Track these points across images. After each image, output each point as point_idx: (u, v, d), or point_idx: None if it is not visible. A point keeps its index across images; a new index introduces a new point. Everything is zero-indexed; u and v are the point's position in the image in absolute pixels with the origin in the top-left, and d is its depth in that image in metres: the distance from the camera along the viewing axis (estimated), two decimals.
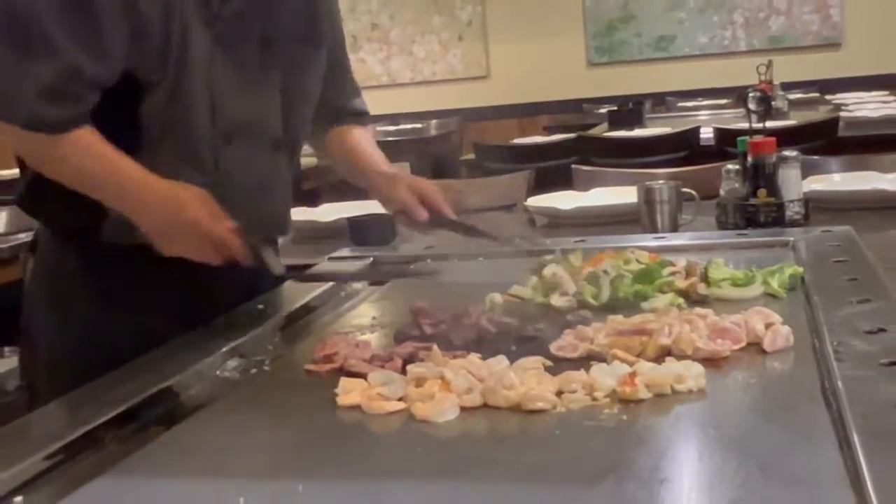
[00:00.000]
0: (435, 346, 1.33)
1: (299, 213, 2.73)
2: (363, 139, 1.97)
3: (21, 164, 1.65)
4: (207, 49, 1.56)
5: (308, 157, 5.23)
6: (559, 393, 1.15)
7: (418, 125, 7.31)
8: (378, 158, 1.91)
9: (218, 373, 1.39)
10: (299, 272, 1.90)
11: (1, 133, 1.51)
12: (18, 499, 1.00)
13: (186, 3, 1.52)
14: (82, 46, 1.46)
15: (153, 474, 1.07)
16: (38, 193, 1.62)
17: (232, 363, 1.42)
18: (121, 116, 1.53)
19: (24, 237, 1.74)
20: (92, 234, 1.59)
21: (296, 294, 1.73)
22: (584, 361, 1.26)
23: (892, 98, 6.19)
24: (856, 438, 0.91)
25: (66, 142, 1.49)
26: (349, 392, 1.22)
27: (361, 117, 2.00)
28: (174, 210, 1.48)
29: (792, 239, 1.89)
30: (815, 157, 2.96)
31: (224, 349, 1.44)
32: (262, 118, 1.68)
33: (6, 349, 4.88)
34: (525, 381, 1.17)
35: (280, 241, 1.90)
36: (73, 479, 1.04)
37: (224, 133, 1.61)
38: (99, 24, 1.46)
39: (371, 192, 1.91)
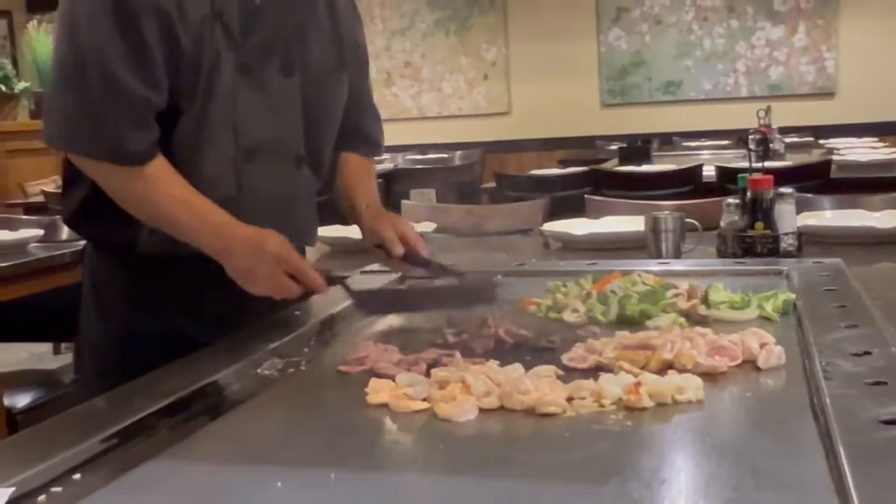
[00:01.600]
0: (457, 353, 1.34)
1: (335, 231, 2.74)
2: (366, 171, 1.92)
3: (66, 186, 1.68)
4: (231, 75, 1.56)
5: None
6: (570, 399, 1.15)
7: (444, 155, 7.33)
8: (372, 192, 1.86)
9: (259, 371, 1.39)
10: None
11: (88, 171, 1.54)
12: (77, 476, 1.01)
13: (216, 35, 1.53)
14: (143, 81, 1.48)
15: (199, 459, 1.07)
16: (82, 214, 1.65)
17: (271, 363, 1.42)
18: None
19: (84, 243, 1.77)
20: (129, 247, 1.61)
21: (329, 303, 1.73)
22: (593, 372, 1.27)
23: (880, 144, 6.17)
24: (841, 450, 0.91)
25: (146, 175, 1.51)
26: (378, 391, 1.22)
27: (375, 148, 1.95)
28: (256, 248, 1.49)
29: (786, 268, 1.88)
30: (809, 195, 2.95)
31: (264, 350, 1.44)
32: (283, 137, 1.66)
33: (62, 346, 4.92)
34: (539, 387, 1.17)
35: (308, 253, 1.89)
36: (126, 462, 1.05)
37: (245, 151, 1.60)
38: (152, 56, 1.48)
39: (357, 222, 1.84)
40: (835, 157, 4.85)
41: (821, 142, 6.44)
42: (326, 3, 1.72)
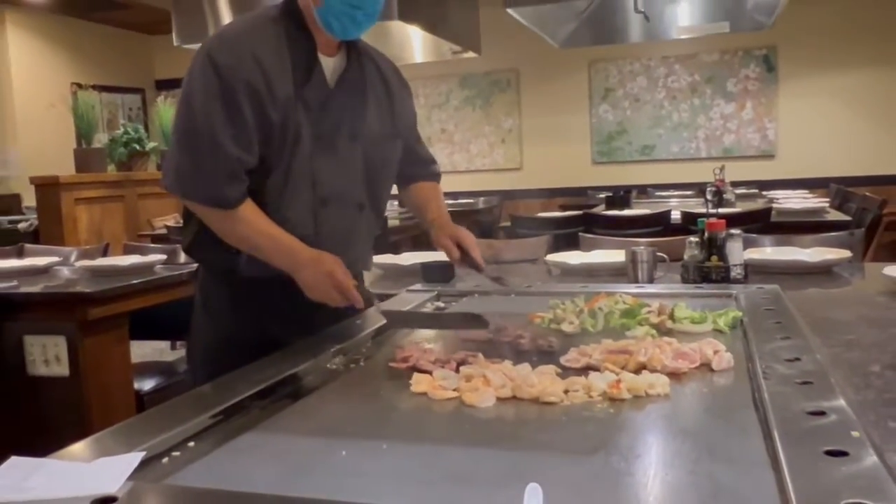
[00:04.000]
0: (480, 354, 1.35)
1: (386, 258, 2.76)
2: (433, 192, 1.93)
3: (184, 224, 1.71)
4: (309, 142, 1.57)
5: (393, 219, 5.31)
6: (566, 391, 1.15)
7: (471, 201, 7.33)
8: (437, 209, 1.86)
9: (328, 366, 1.40)
10: (387, 298, 1.92)
11: (195, 211, 1.60)
12: (191, 443, 1.03)
13: (298, 111, 1.55)
14: (239, 145, 1.51)
15: (283, 432, 1.09)
16: (196, 245, 1.69)
17: (338, 359, 1.43)
18: (252, 192, 1.57)
19: (197, 266, 1.79)
20: (232, 269, 1.63)
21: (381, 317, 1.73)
22: (585, 370, 1.27)
23: (810, 195, 6.10)
24: (776, 434, 0.91)
25: (237, 215, 1.54)
26: (419, 383, 1.23)
27: (434, 174, 1.98)
28: (318, 267, 1.52)
29: (734, 292, 1.87)
30: (753, 235, 2.93)
31: (333, 349, 1.46)
32: (349, 189, 1.67)
33: (178, 343, 4.97)
34: (542, 381, 1.17)
35: (366, 276, 1.90)
36: (228, 433, 1.07)
37: (321, 200, 1.62)
38: (248, 128, 1.51)
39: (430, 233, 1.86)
40: (774, 206, 4.80)
41: (763, 193, 6.37)
42: (382, 82, 1.74)
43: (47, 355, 2.69)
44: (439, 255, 2.75)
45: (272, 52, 1.54)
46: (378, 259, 2.72)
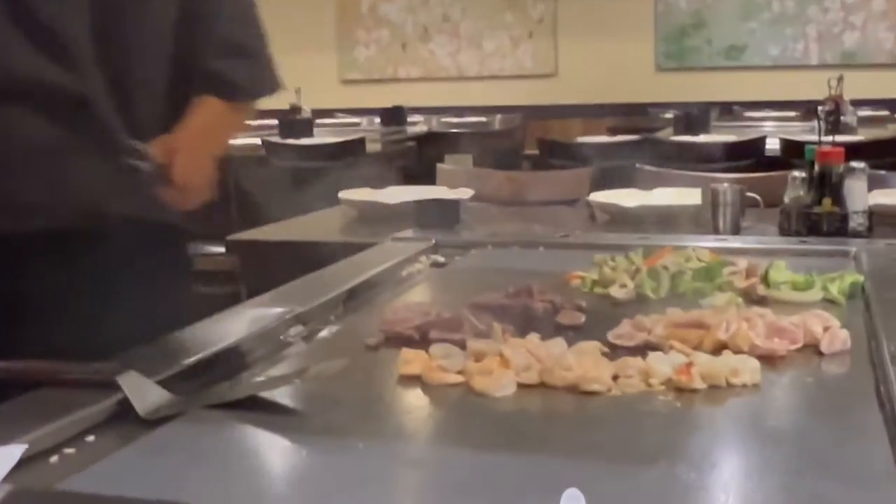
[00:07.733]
0: (494, 323, 1.34)
1: (363, 194, 2.76)
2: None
3: None
4: None
5: (372, 142, 5.29)
6: (615, 377, 1.16)
7: (483, 119, 7.31)
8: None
9: (281, 337, 1.40)
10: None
11: None
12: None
13: None
14: None
15: (221, 424, 1.10)
16: None
17: (294, 330, 1.43)
18: None
19: None
20: None
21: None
22: (641, 350, 1.27)
23: None
24: None
25: None
26: (409, 362, 1.22)
27: (225, 87, 1.56)
28: None
29: (854, 249, 1.88)
30: (883, 172, 2.92)
31: (287, 317, 1.46)
32: (46, 68, 1.44)
33: None
34: (582, 363, 1.17)
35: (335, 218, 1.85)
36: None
37: None
38: None
39: None
40: None
41: None
42: None
43: None
44: (438, 192, 2.77)
45: None
46: (352, 195, 2.72)
